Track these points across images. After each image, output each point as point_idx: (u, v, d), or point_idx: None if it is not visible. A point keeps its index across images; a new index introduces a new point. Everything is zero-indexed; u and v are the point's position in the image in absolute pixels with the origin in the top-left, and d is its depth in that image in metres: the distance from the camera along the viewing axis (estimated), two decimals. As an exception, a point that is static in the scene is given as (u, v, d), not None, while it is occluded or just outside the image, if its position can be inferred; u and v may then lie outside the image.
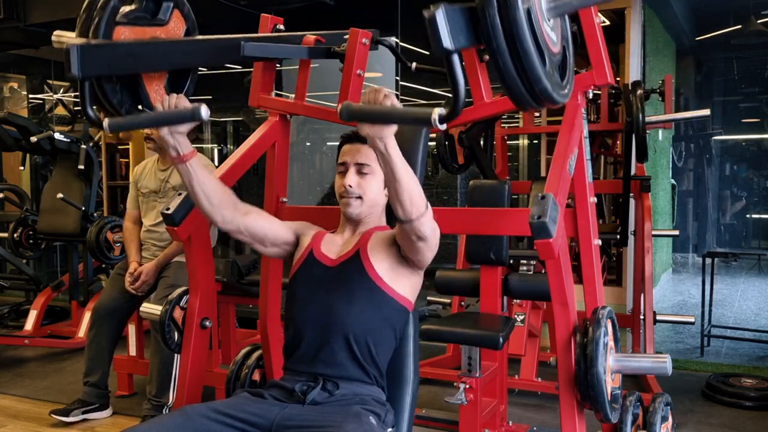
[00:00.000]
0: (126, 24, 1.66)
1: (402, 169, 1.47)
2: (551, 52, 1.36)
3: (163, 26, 1.77)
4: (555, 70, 1.38)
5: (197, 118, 1.48)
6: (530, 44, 1.21)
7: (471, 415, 2.42)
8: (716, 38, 7.60)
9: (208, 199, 1.70)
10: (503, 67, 1.23)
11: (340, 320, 1.70)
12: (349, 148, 1.81)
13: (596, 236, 2.06)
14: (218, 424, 1.57)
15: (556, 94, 1.30)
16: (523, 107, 1.34)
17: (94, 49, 1.54)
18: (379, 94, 1.39)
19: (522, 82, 1.25)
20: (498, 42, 1.20)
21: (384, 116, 1.36)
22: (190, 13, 1.85)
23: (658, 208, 6.19)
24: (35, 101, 7.67)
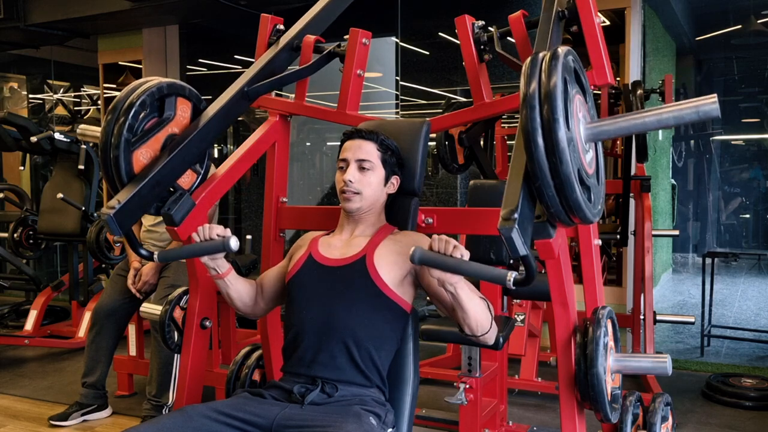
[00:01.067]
0: (140, 144, 1.77)
1: (469, 303, 1.54)
2: (588, 175, 1.48)
3: (173, 120, 1.86)
4: (592, 192, 1.49)
5: (227, 249, 1.69)
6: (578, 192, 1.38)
7: (471, 415, 2.42)
8: (716, 38, 7.60)
9: (243, 302, 1.89)
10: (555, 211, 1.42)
11: (341, 325, 1.70)
12: (350, 144, 1.81)
13: (596, 236, 2.06)
14: (218, 424, 1.57)
15: (590, 214, 1.44)
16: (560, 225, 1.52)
17: (124, 207, 1.68)
18: (449, 245, 1.46)
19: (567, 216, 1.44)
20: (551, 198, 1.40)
21: (457, 269, 1.44)
22: (191, 92, 1.92)
23: (658, 208, 6.19)
24: (35, 101, 7.67)
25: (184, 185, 1.90)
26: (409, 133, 1.93)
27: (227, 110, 1.97)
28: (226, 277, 1.80)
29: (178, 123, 1.88)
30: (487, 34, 2.14)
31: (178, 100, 1.87)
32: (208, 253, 1.72)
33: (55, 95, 7.26)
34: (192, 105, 1.92)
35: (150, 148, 1.80)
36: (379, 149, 1.81)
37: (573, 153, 1.38)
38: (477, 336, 1.62)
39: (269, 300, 1.93)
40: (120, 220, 1.67)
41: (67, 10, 5.20)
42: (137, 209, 1.74)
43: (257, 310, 1.94)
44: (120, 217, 1.67)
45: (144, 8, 4.95)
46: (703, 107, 1.40)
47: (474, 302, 1.55)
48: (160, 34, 5.82)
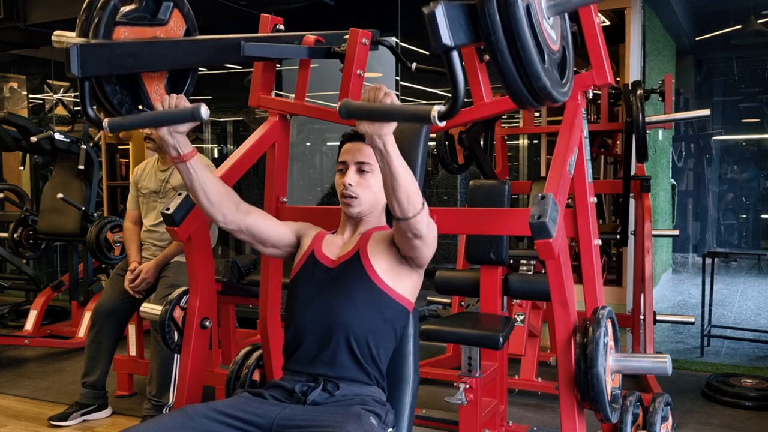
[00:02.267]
0: (126, 24, 1.66)
1: (400, 167, 1.47)
2: (551, 50, 1.36)
3: (163, 26, 1.77)
4: (554, 68, 1.38)
5: (197, 117, 1.48)
6: (529, 41, 1.20)
7: (471, 415, 2.42)
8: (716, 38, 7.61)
9: (208, 198, 1.71)
10: (502, 64, 1.22)
11: (341, 321, 1.70)
12: (349, 147, 1.81)
13: (596, 236, 2.06)
14: (219, 424, 1.57)
15: (555, 91, 1.30)
16: (522, 105, 1.34)
17: (94, 49, 1.54)
18: (378, 92, 1.40)
19: (521, 80, 1.25)
20: (497, 38, 1.19)
21: (383, 114, 1.36)
22: (189, 13, 1.85)
23: (658, 208, 6.19)
24: (35, 101, 7.67)
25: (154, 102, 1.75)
26: (409, 133, 1.93)
27: (219, 45, 1.87)
28: (189, 161, 1.63)
29: (167, 32, 1.78)
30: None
31: (175, 11, 1.80)
32: (172, 122, 1.51)
33: (55, 95, 7.26)
34: (186, 27, 1.84)
35: (134, 34, 1.68)
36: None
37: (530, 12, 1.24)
38: (409, 217, 1.53)
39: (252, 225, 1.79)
40: (83, 58, 1.50)
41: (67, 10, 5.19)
42: (104, 63, 1.56)
43: (227, 219, 1.75)
44: (85, 54, 1.50)
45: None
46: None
47: (405, 169, 1.48)
48: (160, 34, 5.80)
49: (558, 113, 5.45)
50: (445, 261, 5.33)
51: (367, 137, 1.42)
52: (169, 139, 1.58)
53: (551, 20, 1.40)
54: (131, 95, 1.72)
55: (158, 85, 1.79)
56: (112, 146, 5.14)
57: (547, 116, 5.80)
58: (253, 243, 1.84)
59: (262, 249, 1.88)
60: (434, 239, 1.66)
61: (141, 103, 1.74)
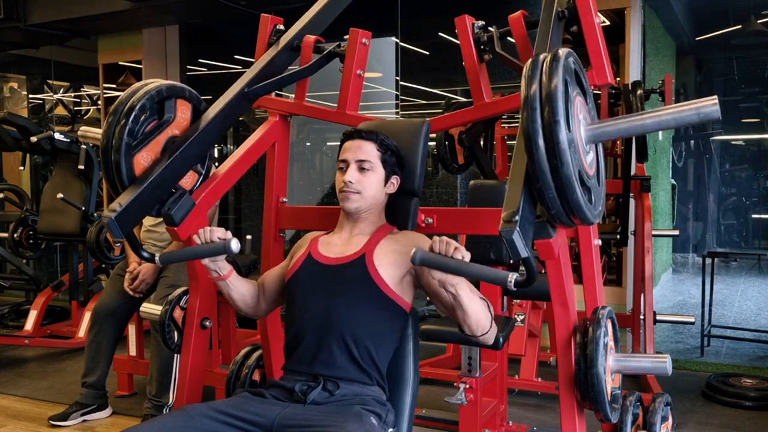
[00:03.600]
0: (141, 148, 1.77)
1: (470, 304, 1.54)
2: (588, 176, 1.49)
3: (173, 122, 1.86)
4: (593, 194, 1.50)
5: (228, 251, 1.69)
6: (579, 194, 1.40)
7: (471, 415, 2.42)
8: (716, 38, 7.61)
9: (245, 303, 1.90)
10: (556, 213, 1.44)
11: (340, 322, 1.70)
12: (350, 145, 1.81)
13: (596, 236, 2.06)
14: (219, 424, 1.57)
15: (590, 215, 1.46)
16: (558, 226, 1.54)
17: (125, 210, 1.69)
18: (449, 246, 1.45)
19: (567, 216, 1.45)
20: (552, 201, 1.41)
21: (458, 270, 1.44)
22: (191, 94, 1.92)
23: (658, 208, 6.19)
24: (35, 101, 7.67)
25: (185, 186, 1.90)
26: (409, 133, 1.93)
27: (228, 112, 1.98)
28: (228, 279, 1.81)
29: (178, 125, 1.88)
30: (487, 34, 2.14)
31: (178, 102, 1.87)
32: (209, 256, 1.73)
33: (55, 95, 7.26)
34: (192, 107, 1.92)
35: (151, 151, 1.81)
36: (379, 149, 1.81)
37: (574, 154, 1.38)
38: (477, 336, 1.62)
39: (271, 300, 1.94)
40: (121, 223, 1.68)
41: (67, 10, 5.20)
42: (139, 212, 1.75)
43: (259, 311, 1.95)
44: (121, 220, 1.68)
45: (144, 8, 4.95)
46: (704, 109, 1.40)
47: (474, 303, 1.55)
48: (160, 34, 5.81)
49: (558, 113, 5.44)
50: (445, 261, 5.31)
51: (440, 283, 1.49)
52: (210, 265, 1.76)
53: (588, 147, 1.51)
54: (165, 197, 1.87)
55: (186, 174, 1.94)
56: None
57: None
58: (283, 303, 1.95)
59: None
60: None
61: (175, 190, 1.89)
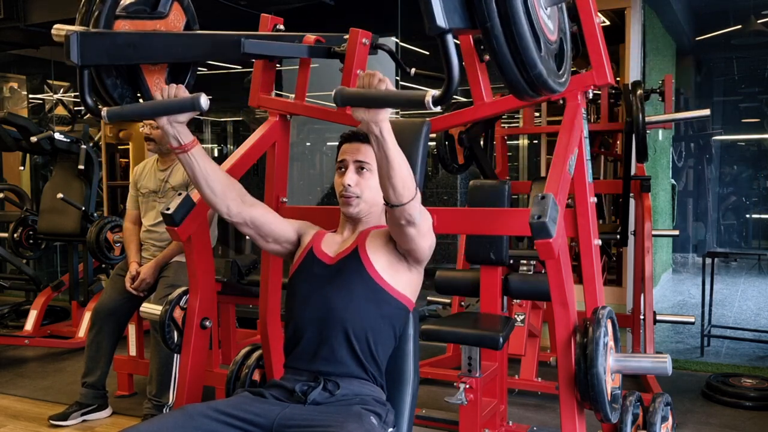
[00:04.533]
0: (126, 17, 1.66)
1: (396, 153, 1.46)
2: (547, 39, 1.36)
3: (163, 19, 1.77)
4: (551, 57, 1.38)
5: (197, 107, 1.48)
6: (525, 27, 1.20)
7: (471, 415, 2.42)
8: (716, 38, 7.61)
9: (211, 188, 1.70)
10: (498, 51, 1.21)
11: (339, 316, 1.70)
12: (348, 146, 1.81)
13: (596, 236, 2.06)
14: (219, 424, 1.57)
15: (551, 81, 1.29)
16: (519, 95, 1.33)
17: (94, 37, 1.53)
18: (373, 78, 1.39)
19: (517, 67, 1.24)
20: (493, 24, 1.19)
21: (378, 100, 1.36)
22: (189, 6, 1.85)
23: (658, 208, 6.19)
24: (35, 101, 7.67)
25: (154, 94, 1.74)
26: (409, 133, 1.93)
27: (220, 41, 1.87)
28: (191, 151, 1.63)
29: (167, 25, 1.78)
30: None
31: (175, 4, 1.80)
32: (171, 112, 1.51)
33: (55, 95, 7.26)
34: (186, 21, 1.84)
35: (134, 27, 1.68)
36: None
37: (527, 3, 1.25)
38: (403, 203, 1.51)
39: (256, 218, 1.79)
40: (83, 46, 1.49)
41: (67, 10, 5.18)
42: (104, 52, 1.56)
43: (231, 210, 1.74)
44: (85, 42, 1.49)
45: (144, 8, 4.94)
46: None
47: (401, 155, 1.48)
48: (160, 34, 5.80)
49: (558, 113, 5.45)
50: (445, 261, 5.32)
51: (363, 124, 1.42)
52: (169, 129, 1.58)
53: (548, 11, 1.40)
54: (132, 88, 1.71)
55: (158, 79, 1.78)
56: (112, 146, 5.14)
57: (547, 116, 5.80)
58: (256, 237, 1.84)
59: (263, 244, 1.88)
60: (429, 229, 1.66)
61: (142, 97, 1.74)
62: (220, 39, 1.88)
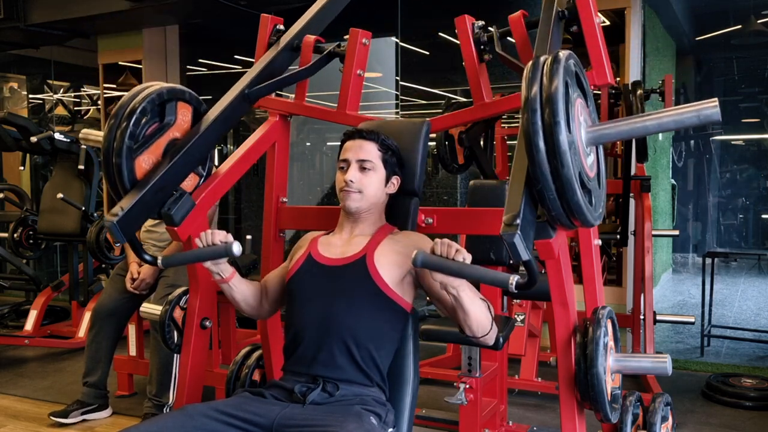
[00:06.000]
0: (142, 151, 1.78)
1: (471, 306, 1.55)
2: (588, 178, 1.49)
3: (173, 125, 1.87)
4: (593, 195, 1.50)
5: (230, 254, 1.69)
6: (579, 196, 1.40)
7: (471, 415, 2.42)
8: (716, 38, 7.60)
9: (248, 305, 1.90)
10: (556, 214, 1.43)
11: (341, 323, 1.70)
12: (350, 144, 1.81)
13: (596, 236, 2.05)
14: (219, 423, 1.57)
15: (590, 217, 1.46)
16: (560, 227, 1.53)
17: (128, 214, 1.70)
18: (451, 249, 1.46)
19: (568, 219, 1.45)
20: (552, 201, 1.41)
21: (460, 273, 1.45)
22: (191, 96, 1.92)
23: (658, 208, 6.19)
24: (35, 101, 7.67)
25: (186, 188, 1.91)
26: (409, 133, 1.93)
27: (228, 113, 1.98)
28: (231, 281, 1.80)
29: (179, 127, 1.88)
30: (487, 34, 2.14)
31: (179, 104, 1.88)
32: (211, 258, 1.73)
33: (55, 95, 7.26)
34: (193, 109, 1.92)
35: (152, 154, 1.81)
36: (380, 149, 1.81)
37: (574, 156, 1.38)
38: (477, 337, 1.63)
39: (273, 301, 1.94)
40: (123, 227, 1.69)
41: (67, 10, 5.20)
42: (141, 215, 1.75)
43: (262, 312, 1.95)
44: (124, 224, 1.69)
45: (144, 8, 4.95)
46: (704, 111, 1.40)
47: (476, 305, 1.55)
48: (160, 34, 5.81)
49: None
50: (445, 261, 5.31)
51: (441, 285, 1.50)
52: (213, 268, 1.76)
53: (588, 149, 1.51)
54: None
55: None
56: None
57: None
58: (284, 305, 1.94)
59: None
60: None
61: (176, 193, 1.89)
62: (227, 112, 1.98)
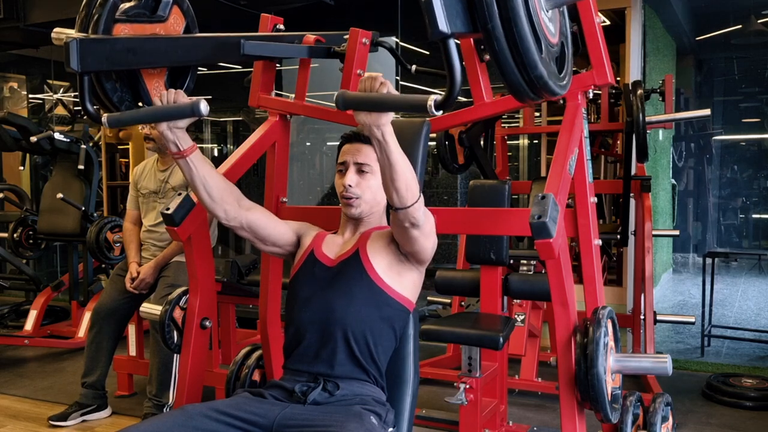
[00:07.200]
0: (125, 21, 1.65)
1: (398, 155, 1.46)
2: (549, 42, 1.36)
3: (163, 23, 1.76)
4: (552, 60, 1.38)
5: (196, 113, 1.48)
6: (527, 29, 1.19)
7: (471, 415, 2.42)
8: (716, 38, 7.61)
9: (209, 193, 1.70)
10: (499, 52, 1.21)
11: (340, 318, 1.70)
12: (349, 147, 1.81)
13: (596, 236, 2.05)
14: (219, 424, 1.57)
15: (552, 83, 1.29)
16: (520, 97, 1.32)
17: (94, 44, 1.53)
18: (375, 81, 1.38)
19: (518, 69, 1.24)
20: (494, 26, 1.19)
21: (380, 103, 1.35)
22: (189, 10, 1.84)
23: (659, 208, 6.19)
24: (35, 101, 7.67)
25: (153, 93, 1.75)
26: (409, 133, 1.93)
27: (219, 43, 1.87)
28: (189, 156, 1.63)
29: (167, 29, 1.77)
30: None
31: (174, 8, 1.79)
32: (171, 118, 1.50)
33: (55, 95, 7.26)
34: (186, 24, 1.83)
35: (133, 30, 1.67)
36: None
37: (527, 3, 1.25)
38: (407, 206, 1.52)
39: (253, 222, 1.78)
40: (83, 53, 1.49)
41: (67, 10, 5.19)
42: (103, 58, 1.55)
43: (228, 215, 1.74)
44: (85, 48, 1.49)
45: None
46: None
47: (403, 158, 1.48)
48: (160, 34, 5.80)
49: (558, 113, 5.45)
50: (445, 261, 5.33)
51: (365, 127, 1.41)
52: (168, 134, 1.58)
53: (550, 13, 1.39)
54: (131, 92, 1.71)
55: (158, 83, 1.78)
56: (112, 146, 5.14)
57: (547, 116, 5.80)
58: (254, 240, 1.84)
59: (262, 247, 1.88)
60: (432, 230, 1.66)
61: (141, 101, 1.74)
62: (220, 41, 1.88)
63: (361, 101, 1.37)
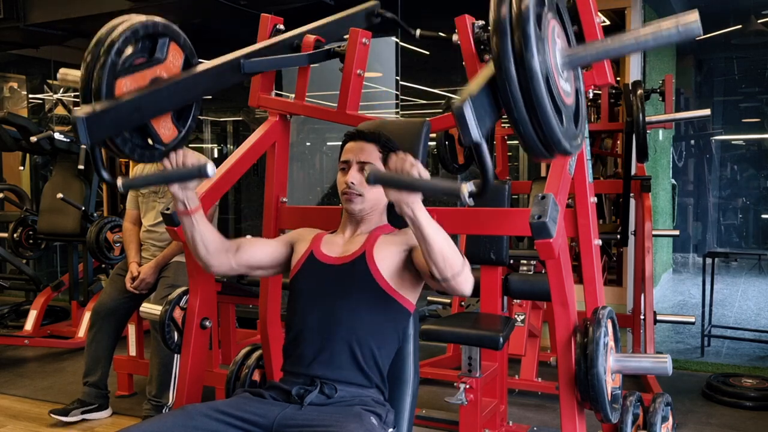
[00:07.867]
0: (125, 74, 1.67)
1: (431, 230, 1.46)
2: (566, 105, 1.39)
3: (162, 63, 1.77)
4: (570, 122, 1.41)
5: (203, 175, 1.53)
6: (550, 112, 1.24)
7: (471, 415, 2.42)
8: (716, 38, 7.61)
9: (206, 248, 1.76)
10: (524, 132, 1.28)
11: (343, 323, 1.69)
12: (351, 146, 1.81)
13: (596, 236, 2.05)
14: (219, 423, 1.57)
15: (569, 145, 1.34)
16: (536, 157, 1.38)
17: (99, 116, 1.56)
18: (405, 163, 1.39)
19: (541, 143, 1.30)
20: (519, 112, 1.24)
21: (412, 186, 1.38)
22: (186, 42, 1.85)
23: (659, 208, 6.19)
24: (35, 101, 7.67)
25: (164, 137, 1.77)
26: (409, 133, 1.93)
27: (219, 72, 1.89)
28: (195, 215, 1.69)
29: (167, 68, 1.78)
30: (487, 34, 2.14)
31: (172, 45, 1.79)
32: (181, 180, 1.58)
33: (55, 95, 7.26)
34: (185, 57, 1.83)
35: (134, 81, 1.69)
36: (381, 151, 1.80)
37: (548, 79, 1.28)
38: (449, 280, 1.50)
39: (242, 262, 1.83)
40: (90, 127, 1.53)
41: (67, 10, 5.20)
42: (111, 125, 1.59)
43: (220, 265, 1.80)
44: (92, 123, 1.53)
45: (144, 8, 4.95)
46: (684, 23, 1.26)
47: (438, 232, 1.48)
48: (160, 34, 5.80)
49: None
50: (445, 261, 5.31)
51: (396, 205, 1.43)
52: (179, 194, 1.65)
53: (565, 74, 1.41)
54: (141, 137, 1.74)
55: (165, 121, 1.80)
56: (112, 146, 5.13)
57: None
58: (251, 273, 1.87)
59: (261, 274, 1.91)
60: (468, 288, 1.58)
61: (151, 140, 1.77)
62: (219, 69, 1.90)
63: (393, 181, 1.39)
